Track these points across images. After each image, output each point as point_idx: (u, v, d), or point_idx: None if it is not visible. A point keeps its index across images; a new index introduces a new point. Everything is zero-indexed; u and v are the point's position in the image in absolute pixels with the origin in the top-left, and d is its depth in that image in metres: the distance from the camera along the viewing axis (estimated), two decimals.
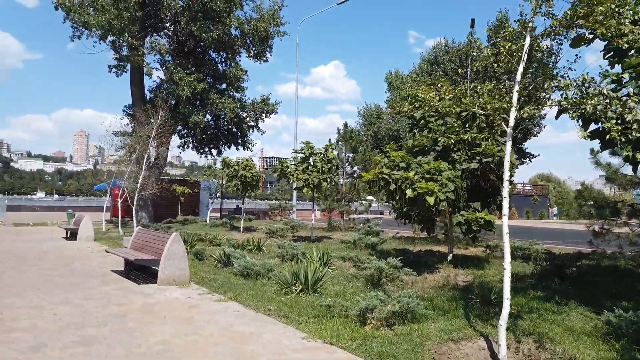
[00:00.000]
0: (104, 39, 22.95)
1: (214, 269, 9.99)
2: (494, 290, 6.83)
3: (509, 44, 5.03)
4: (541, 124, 38.47)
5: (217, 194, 28.83)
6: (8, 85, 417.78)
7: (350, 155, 20.07)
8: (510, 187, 11.07)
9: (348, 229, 19.21)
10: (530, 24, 4.90)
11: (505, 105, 4.93)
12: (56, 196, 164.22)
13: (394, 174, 8.88)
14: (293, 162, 14.87)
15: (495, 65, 4.90)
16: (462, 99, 5.92)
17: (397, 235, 16.33)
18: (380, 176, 8.88)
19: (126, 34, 22.12)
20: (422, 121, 10.15)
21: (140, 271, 9.51)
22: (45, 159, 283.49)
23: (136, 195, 18.19)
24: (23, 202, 53.25)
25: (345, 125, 20.04)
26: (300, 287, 7.29)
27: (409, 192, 8.58)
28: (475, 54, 5.98)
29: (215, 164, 34.56)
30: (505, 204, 4.92)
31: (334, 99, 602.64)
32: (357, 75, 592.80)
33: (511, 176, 10.25)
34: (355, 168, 21.30)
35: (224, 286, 8.06)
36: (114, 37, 22.67)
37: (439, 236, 14.57)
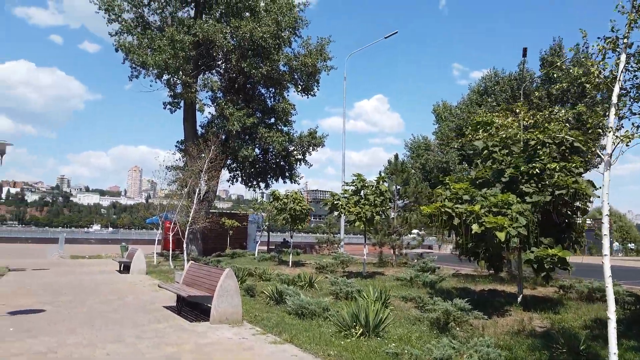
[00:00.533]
0: (159, 78, 23.92)
1: (266, 306, 9.61)
2: (583, 340, 6.03)
3: (600, 61, 4.51)
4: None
5: (264, 227, 28.78)
6: (71, 125, 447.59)
7: (401, 187, 19.46)
8: (582, 220, 10.14)
9: (400, 264, 18.43)
10: (625, 40, 4.38)
11: (600, 131, 4.37)
12: (110, 229, 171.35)
13: (457, 208, 8.31)
14: (344, 195, 14.48)
15: (588, 85, 4.37)
16: (547, 126, 5.40)
17: (456, 273, 15.39)
18: (442, 210, 8.33)
19: (180, 72, 22.94)
20: (485, 151, 9.56)
21: (192, 307, 9.26)
22: (102, 193, 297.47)
23: (187, 228, 18.29)
24: (80, 235, 55.58)
25: (396, 157, 19.57)
26: (361, 329, 6.75)
27: (475, 227, 7.97)
28: (556, 75, 5.47)
29: (263, 196, 34.79)
30: (606, 242, 4.29)
31: (377, 132, 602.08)
32: (401, 108, 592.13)
33: (585, 211, 9.41)
34: (406, 201, 20.61)
35: (279, 326, 7.63)
36: (169, 76, 23.58)
37: (502, 274, 13.60)
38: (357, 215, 13.53)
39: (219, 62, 26.66)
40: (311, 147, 29.07)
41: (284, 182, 30.18)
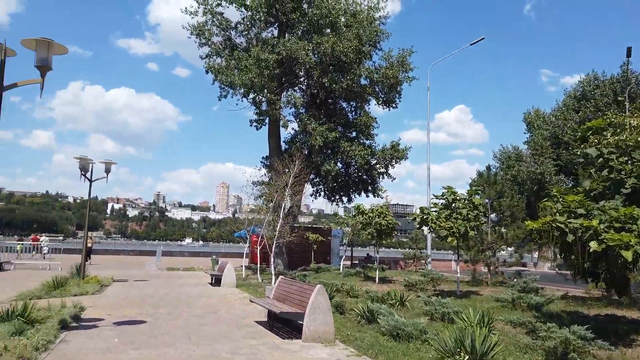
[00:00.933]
0: (246, 96, 24.86)
1: (358, 325, 9.26)
2: None
3: None
4: None
5: (346, 242, 28.51)
6: (165, 145, 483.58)
7: (494, 201, 18.23)
8: None
9: (496, 283, 17.17)
10: None
11: None
12: (201, 242, 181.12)
13: (571, 223, 7.43)
14: (434, 209, 13.80)
15: None
16: None
17: (565, 294, 13.97)
18: (553, 225, 7.49)
19: (265, 90, 23.63)
20: (600, 159, 8.53)
21: (283, 323, 9.15)
22: (193, 208, 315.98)
23: (274, 242, 18.53)
24: (174, 248, 59.20)
25: (488, 168, 18.50)
26: (466, 357, 6.16)
27: (593, 245, 7.06)
28: None
29: (345, 211, 34.63)
30: None
31: (459, 144, 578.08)
32: (485, 118, 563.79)
33: None
34: (500, 215, 19.27)
35: (374, 348, 7.24)
36: (255, 94, 24.37)
37: (615, 296, 12.06)
38: (449, 230, 12.78)
39: (301, 79, 27.13)
40: (394, 160, 28.50)
41: (367, 196, 29.81)
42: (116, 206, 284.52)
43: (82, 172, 15.86)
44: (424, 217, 13.54)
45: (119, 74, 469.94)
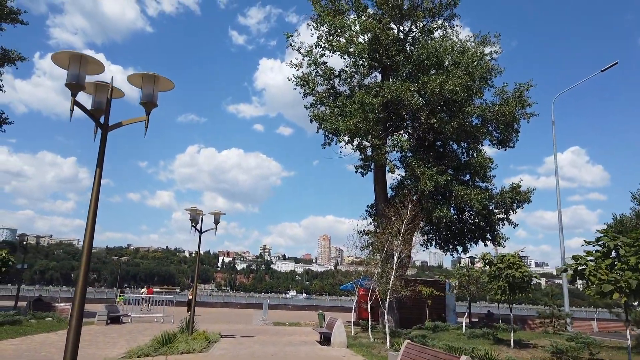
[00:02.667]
0: (351, 142, 24.16)
1: None
2: None
3: None
4: None
5: (467, 297, 25.55)
6: (271, 200, 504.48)
7: None
8: None
9: None
10: None
11: None
12: (304, 295, 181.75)
13: None
14: (590, 258, 11.23)
15: None
16: None
17: None
18: None
19: (370, 135, 22.67)
20: None
21: None
22: (296, 260, 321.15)
23: (388, 297, 16.77)
24: (279, 301, 59.06)
25: None
26: None
27: None
28: None
29: (460, 262, 31.72)
30: None
31: (575, 189, 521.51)
32: (604, 159, 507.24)
33: None
34: None
35: None
36: (360, 139, 23.54)
37: None
38: (614, 284, 10.16)
39: (407, 122, 25.89)
40: (515, 204, 25.64)
41: (485, 244, 26.99)
42: (226, 259, 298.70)
43: (193, 224, 15.79)
44: (578, 267, 11.03)
45: (229, 136, 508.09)
